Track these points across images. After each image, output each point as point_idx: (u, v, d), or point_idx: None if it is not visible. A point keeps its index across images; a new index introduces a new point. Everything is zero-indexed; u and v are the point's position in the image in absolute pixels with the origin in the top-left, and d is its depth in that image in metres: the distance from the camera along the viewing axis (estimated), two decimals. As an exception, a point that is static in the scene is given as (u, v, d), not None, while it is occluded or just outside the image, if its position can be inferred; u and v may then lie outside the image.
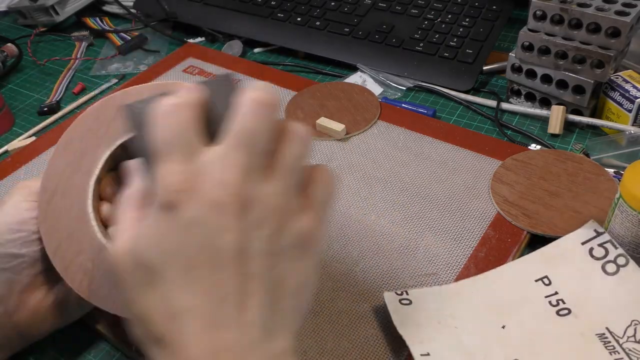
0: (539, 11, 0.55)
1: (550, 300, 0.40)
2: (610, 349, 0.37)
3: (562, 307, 0.40)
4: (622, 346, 0.37)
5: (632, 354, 0.36)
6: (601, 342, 0.37)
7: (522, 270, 0.42)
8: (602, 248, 0.41)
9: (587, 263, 0.41)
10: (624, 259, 0.40)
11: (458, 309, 0.40)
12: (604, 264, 0.41)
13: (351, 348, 0.40)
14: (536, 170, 0.51)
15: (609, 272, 0.40)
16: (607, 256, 0.41)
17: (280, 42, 0.74)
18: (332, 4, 0.76)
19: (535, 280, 0.41)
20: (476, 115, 0.61)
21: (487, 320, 0.39)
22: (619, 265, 0.40)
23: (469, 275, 0.43)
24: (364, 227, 0.48)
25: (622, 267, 0.40)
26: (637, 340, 0.37)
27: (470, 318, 0.40)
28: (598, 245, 0.42)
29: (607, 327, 0.38)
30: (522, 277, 0.42)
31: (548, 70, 0.57)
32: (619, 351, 0.37)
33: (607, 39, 0.52)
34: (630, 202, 0.39)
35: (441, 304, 0.40)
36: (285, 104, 0.63)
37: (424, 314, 0.39)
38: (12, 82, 0.76)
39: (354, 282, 0.44)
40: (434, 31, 0.69)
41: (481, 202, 0.49)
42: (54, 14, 0.82)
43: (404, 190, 0.51)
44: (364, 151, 0.56)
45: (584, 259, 0.41)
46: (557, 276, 0.41)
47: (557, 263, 0.42)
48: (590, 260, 0.41)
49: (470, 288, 0.42)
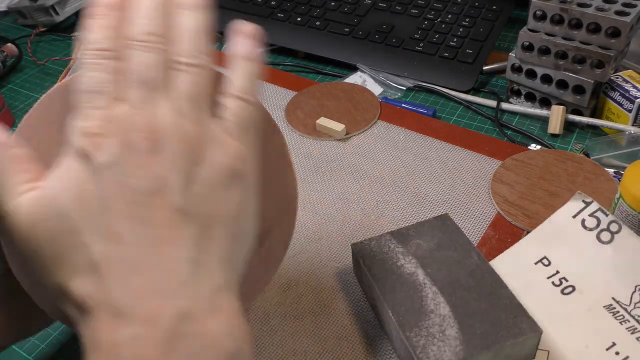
0: (539, 11, 0.55)
1: (552, 280, 0.40)
2: (620, 318, 0.37)
3: (565, 286, 0.40)
4: (630, 313, 0.37)
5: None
6: (610, 313, 0.37)
7: (520, 255, 0.43)
8: (593, 218, 0.41)
9: (581, 235, 0.41)
10: (616, 225, 0.40)
11: None
12: (598, 233, 0.41)
13: (351, 349, 0.40)
14: (536, 170, 0.51)
15: (604, 241, 0.40)
16: (600, 225, 0.41)
17: (280, 42, 0.74)
18: (332, 4, 0.76)
19: (535, 263, 0.42)
20: (476, 115, 0.61)
21: None
22: (612, 232, 0.40)
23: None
24: (364, 227, 0.48)
25: (616, 234, 0.40)
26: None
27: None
28: (589, 215, 0.42)
29: (613, 297, 0.38)
30: (522, 261, 0.42)
31: (548, 70, 0.57)
32: (629, 319, 0.37)
33: (607, 39, 0.52)
34: (630, 202, 0.39)
35: None
36: (285, 104, 0.63)
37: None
38: (12, 82, 0.76)
39: (354, 282, 0.44)
40: (434, 31, 0.69)
41: (481, 202, 0.49)
42: (54, 14, 0.82)
43: (404, 190, 0.51)
44: (364, 151, 0.56)
45: (577, 232, 0.41)
46: (555, 255, 0.42)
47: (553, 242, 0.42)
48: (584, 232, 0.41)
49: None
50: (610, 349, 0.36)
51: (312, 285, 0.44)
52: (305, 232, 0.48)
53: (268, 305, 0.43)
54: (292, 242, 0.42)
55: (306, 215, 0.49)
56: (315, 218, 0.49)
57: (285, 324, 0.42)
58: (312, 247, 0.47)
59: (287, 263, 0.46)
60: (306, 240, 0.47)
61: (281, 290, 0.44)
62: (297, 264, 0.46)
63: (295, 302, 0.43)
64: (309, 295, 0.43)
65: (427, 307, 0.37)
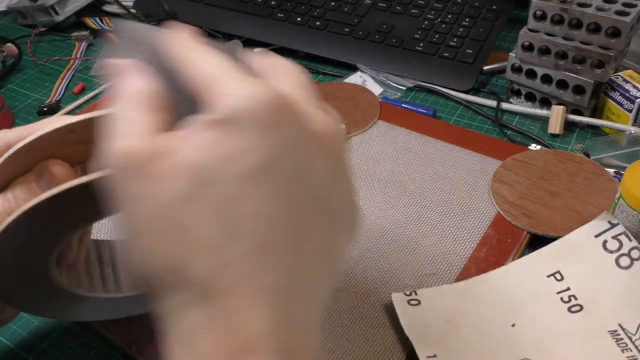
0: (539, 11, 0.55)
1: (562, 296, 0.39)
2: (622, 346, 0.36)
3: (574, 304, 0.39)
4: (634, 343, 0.36)
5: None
6: (613, 339, 0.36)
7: (534, 266, 0.41)
8: (616, 240, 0.40)
9: (600, 257, 0.40)
10: (638, 252, 0.39)
11: (468, 308, 0.39)
12: (617, 257, 0.39)
13: (351, 348, 0.40)
14: (536, 170, 0.51)
15: (623, 266, 0.39)
16: (621, 249, 0.40)
17: (280, 42, 0.74)
18: (332, 4, 0.76)
19: (547, 276, 0.41)
20: (476, 115, 0.61)
21: (497, 318, 0.39)
22: (633, 258, 0.39)
23: (470, 276, 0.43)
24: (364, 227, 0.48)
25: (636, 261, 0.39)
26: None
27: (479, 317, 0.39)
28: (612, 237, 0.40)
29: (620, 324, 0.37)
30: (534, 273, 0.41)
31: (548, 70, 0.57)
32: (632, 348, 0.36)
33: (607, 39, 0.52)
34: (630, 202, 0.39)
35: (451, 303, 0.40)
36: (285, 104, 0.63)
37: (432, 313, 0.39)
38: (12, 82, 0.76)
39: (354, 282, 0.44)
40: (434, 31, 0.69)
41: (481, 202, 0.49)
42: (54, 14, 0.82)
43: (404, 190, 0.51)
44: (364, 151, 0.56)
45: (597, 253, 0.40)
46: (569, 271, 0.40)
47: (570, 258, 0.41)
48: (603, 254, 0.40)
49: (481, 286, 0.41)
50: None
51: (312, 285, 0.44)
52: (305, 232, 0.48)
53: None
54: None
55: (306, 215, 0.49)
56: (315, 218, 0.49)
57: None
58: (312, 247, 0.47)
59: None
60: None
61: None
62: (297, 264, 0.46)
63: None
64: (309, 295, 0.43)
65: None
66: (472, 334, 0.38)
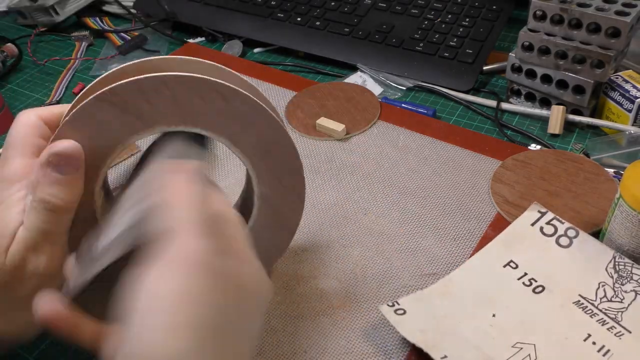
0: (539, 11, 0.55)
1: (523, 281, 0.42)
2: (589, 312, 0.40)
3: (535, 285, 0.42)
4: (598, 307, 0.40)
5: (609, 312, 0.39)
6: (579, 308, 0.40)
7: (488, 260, 0.44)
8: (550, 225, 0.44)
9: (542, 241, 0.44)
10: (573, 231, 0.43)
11: (450, 308, 0.41)
12: (557, 239, 0.44)
13: (351, 348, 0.40)
14: (536, 170, 0.51)
15: (564, 245, 0.43)
16: (557, 231, 0.44)
17: (280, 42, 0.74)
18: (332, 4, 0.76)
19: (504, 266, 0.43)
20: (476, 115, 0.61)
21: (478, 312, 0.40)
22: (570, 237, 0.43)
23: (469, 275, 0.43)
24: (364, 227, 0.48)
25: (574, 238, 0.43)
26: (609, 299, 0.40)
27: (463, 314, 0.40)
28: (546, 223, 0.44)
29: (580, 294, 0.41)
30: (491, 265, 0.43)
31: (548, 70, 0.57)
32: (598, 313, 0.40)
33: (607, 39, 0.52)
34: (630, 202, 0.39)
35: (432, 307, 0.41)
36: (285, 104, 0.63)
37: (421, 319, 0.40)
38: (12, 82, 0.76)
39: (354, 282, 0.44)
40: (434, 31, 0.69)
41: (481, 202, 0.49)
42: (54, 14, 0.82)
43: (403, 190, 0.51)
44: (364, 151, 0.56)
45: (537, 238, 0.44)
46: (520, 259, 0.43)
47: (516, 246, 0.44)
48: (543, 238, 0.44)
49: (451, 287, 0.42)
50: (587, 340, 0.38)
51: (312, 285, 0.44)
52: (305, 232, 0.48)
53: (268, 305, 0.43)
54: (293, 243, 0.42)
55: (306, 215, 0.49)
56: (315, 218, 0.49)
57: (286, 324, 0.42)
58: (313, 247, 0.47)
59: (288, 262, 0.46)
60: (306, 240, 0.47)
61: (281, 290, 0.44)
62: (297, 264, 0.46)
63: (295, 302, 0.43)
64: (310, 295, 0.43)
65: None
66: (465, 330, 0.39)
